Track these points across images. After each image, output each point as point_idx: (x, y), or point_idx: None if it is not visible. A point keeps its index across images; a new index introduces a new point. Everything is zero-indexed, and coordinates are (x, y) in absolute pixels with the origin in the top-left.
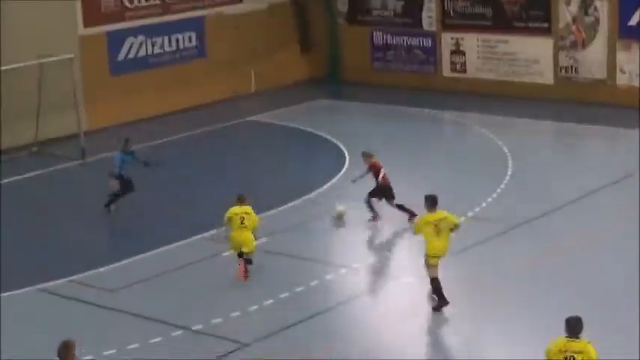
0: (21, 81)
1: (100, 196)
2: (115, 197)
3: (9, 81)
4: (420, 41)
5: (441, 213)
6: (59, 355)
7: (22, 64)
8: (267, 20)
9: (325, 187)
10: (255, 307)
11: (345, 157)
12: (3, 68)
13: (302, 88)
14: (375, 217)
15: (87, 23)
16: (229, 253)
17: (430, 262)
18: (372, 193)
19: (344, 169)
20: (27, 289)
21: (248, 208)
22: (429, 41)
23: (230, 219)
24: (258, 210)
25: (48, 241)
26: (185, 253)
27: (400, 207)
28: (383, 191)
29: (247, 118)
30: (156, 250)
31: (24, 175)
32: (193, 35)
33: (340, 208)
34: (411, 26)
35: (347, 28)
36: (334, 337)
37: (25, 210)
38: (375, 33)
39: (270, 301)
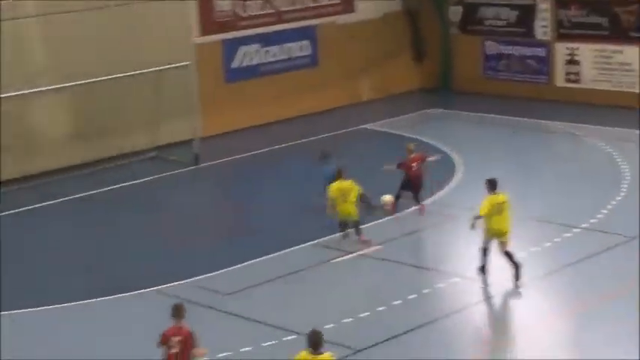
0: (139, 88)
1: (213, 200)
2: None
3: (128, 88)
4: (533, 51)
5: (502, 196)
6: (173, 314)
7: (140, 71)
8: (380, 29)
9: (436, 196)
10: (367, 313)
11: (455, 167)
12: (122, 75)
13: (414, 97)
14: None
15: (203, 32)
16: (340, 260)
17: (487, 238)
18: (403, 186)
19: (455, 179)
20: (146, 290)
21: (348, 183)
22: (543, 51)
23: (333, 197)
24: (372, 217)
25: (163, 244)
26: (298, 258)
27: (416, 198)
28: (410, 184)
29: (360, 127)
30: (269, 255)
31: (141, 180)
32: (306, 44)
33: (387, 197)
34: (524, 36)
35: (459, 38)
36: (445, 346)
37: (142, 213)
38: (487, 42)
39: (383, 308)
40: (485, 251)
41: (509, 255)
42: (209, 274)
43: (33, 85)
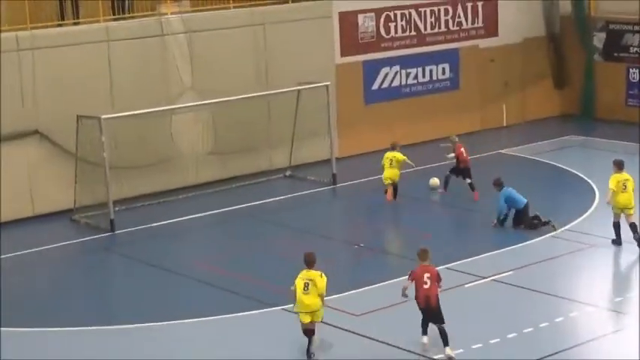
0: (279, 106)
1: (348, 220)
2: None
3: (268, 106)
4: None
5: (626, 174)
6: (419, 256)
7: (281, 90)
8: (522, 54)
9: (573, 223)
10: (497, 339)
11: (595, 194)
12: (263, 93)
13: (553, 124)
14: (444, 188)
15: (344, 53)
16: (471, 285)
17: (616, 213)
18: (452, 171)
19: (593, 207)
20: (273, 308)
21: (397, 154)
22: None
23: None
24: (507, 242)
25: (297, 261)
26: None
27: (470, 185)
28: (461, 170)
29: (499, 151)
30: (401, 278)
31: (278, 197)
32: (447, 67)
33: (435, 180)
34: None
35: (602, 65)
36: None
37: (278, 230)
38: (631, 70)
39: (514, 334)
40: (616, 225)
41: (634, 226)
42: (341, 295)
43: (174, 102)
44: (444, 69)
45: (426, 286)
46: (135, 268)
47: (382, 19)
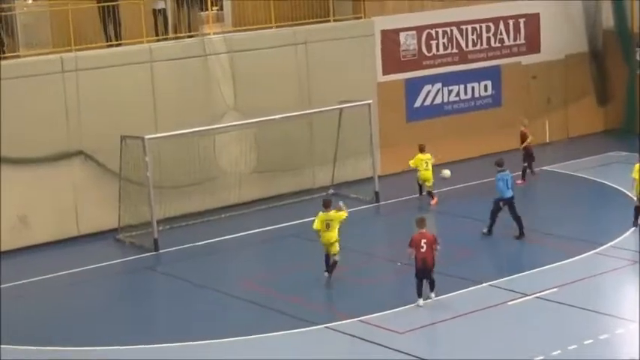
0: (322, 124)
1: (389, 238)
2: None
3: (311, 124)
4: None
5: None
6: (417, 223)
7: (325, 109)
8: (564, 70)
9: (617, 240)
10: (541, 357)
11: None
12: (306, 112)
13: (598, 140)
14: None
15: (386, 71)
16: (517, 302)
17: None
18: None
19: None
20: (318, 327)
21: (427, 156)
22: None
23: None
24: (550, 259)
25: (340, 280)
26: (474, 299)
27: (528, 168)
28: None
29: (542, 168)
30: (445, 295)
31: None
32: (489, 84)
33: (446, 171)
34: None
35: None
36: None
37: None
38: None
39: (558, 351)
40: (637, 209)
41: None
42: (384, 312)
43: (217, 121)
44: (486, 86)
45: (422, 250)
46: (178, 286)
47: (424, 37)
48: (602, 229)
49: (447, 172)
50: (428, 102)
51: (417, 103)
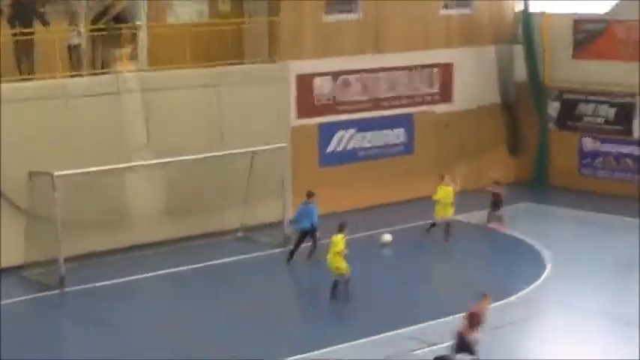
0: (233, 167)
1: (304, 284)
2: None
3: (222, 166)
4: (631, 149)
5: None
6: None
7: (236, 151)
8: (476, 120)
9: (523, 291)
10: None
11: (545, 265)
12: (217, 154)
13: (508, 191)
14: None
15: (300, 114)
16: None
17: None
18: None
19: (542, 278)
20: None
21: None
22: None
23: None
24: (455, 309)
25: (252, 322)
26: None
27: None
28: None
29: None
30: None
31: (230, 258)
32: (402, 131)
33: (387, 237)
34: (622, 134)
35: (556, 133)
36: None
37: (230, 291)
38: (583, 139)
39: None
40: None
41: None
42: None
43: (129, 159)
44: (398, 133)
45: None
46: (82, 326)
47: (339, 83)
48: (506, 282)
49: (387, 237)
50: (341, 147)
51: (330, 148)
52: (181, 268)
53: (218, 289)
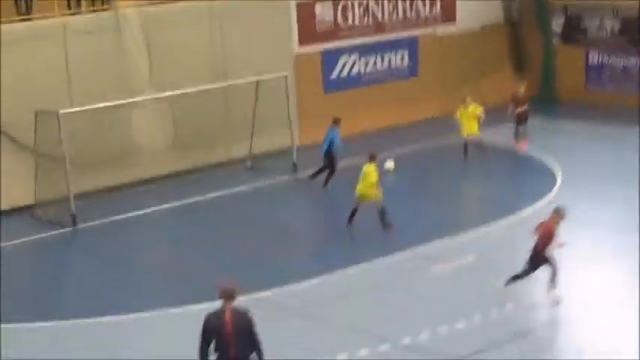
0: (238, 97)
1: (311, 209)
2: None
3: (227, 97)
4: (637, 61)
5: None
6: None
7: (239, 81)
8: (480, 40)
9: (531, 207)
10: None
11: (556, 178)
12: (223, 84)
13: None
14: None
15: (302, 42)
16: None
17: None
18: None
19: (554, 190)
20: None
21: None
22: None
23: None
24: (467, 225)
25: (255, 252)
26: (391, 268)
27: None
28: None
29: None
30: (363, 264)
31: (239, 188)
32: (405, 54)
33: (390, 164)
34: (631, 44)
35: (561, 48)
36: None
37: (238, 221)
38: (590, 53)
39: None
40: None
41: None
42: (303, 282)
43: (133, 96)
44: (402, 56)
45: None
46: (96, 261)
47: (340, 8)
48: (518, 197)
49: (389, 164)
50: (345, 73)
51: (334, 75)
52: (193, 200)
53: (231, 218)
